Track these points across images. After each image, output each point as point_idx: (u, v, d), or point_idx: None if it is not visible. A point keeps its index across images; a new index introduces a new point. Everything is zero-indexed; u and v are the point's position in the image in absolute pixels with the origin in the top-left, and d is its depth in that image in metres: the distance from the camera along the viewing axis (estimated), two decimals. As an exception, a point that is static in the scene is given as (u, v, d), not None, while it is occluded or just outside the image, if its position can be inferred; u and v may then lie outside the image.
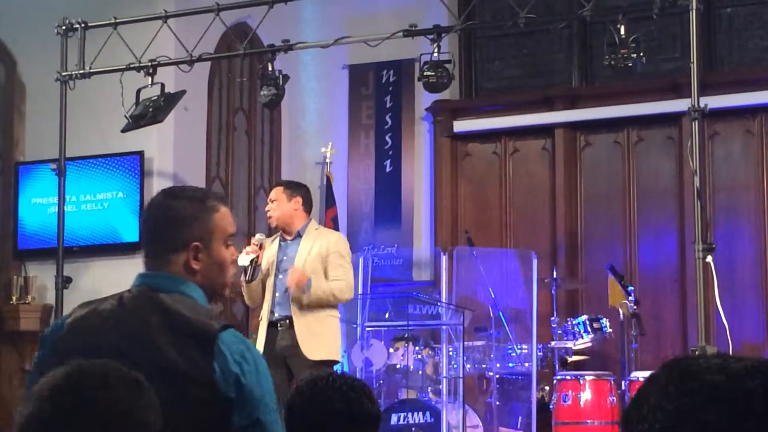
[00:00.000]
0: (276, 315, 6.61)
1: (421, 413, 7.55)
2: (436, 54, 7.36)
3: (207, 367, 2.38)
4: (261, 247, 6.58)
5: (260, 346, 6.59)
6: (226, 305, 9.78)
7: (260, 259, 6.58)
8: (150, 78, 7.99)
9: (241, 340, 2.47)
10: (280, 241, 6.80)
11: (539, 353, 8.24)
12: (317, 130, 10.69)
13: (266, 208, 6.99)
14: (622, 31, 6.80)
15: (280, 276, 6.66)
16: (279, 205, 6.75)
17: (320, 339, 6.53)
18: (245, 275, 6.61)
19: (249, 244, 6.69)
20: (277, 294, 6.65)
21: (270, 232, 7.46)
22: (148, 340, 2.43)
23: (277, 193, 6.84)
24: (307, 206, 6.85)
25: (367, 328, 8.30)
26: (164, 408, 2.27)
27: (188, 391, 2.38)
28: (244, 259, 6.53)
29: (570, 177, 9.91)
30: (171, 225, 2.59)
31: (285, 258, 6.70)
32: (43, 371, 2.25)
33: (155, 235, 2.62)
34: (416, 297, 8.78)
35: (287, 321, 6.59)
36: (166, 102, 8.09)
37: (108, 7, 8.53)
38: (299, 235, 6.74)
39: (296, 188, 6.89)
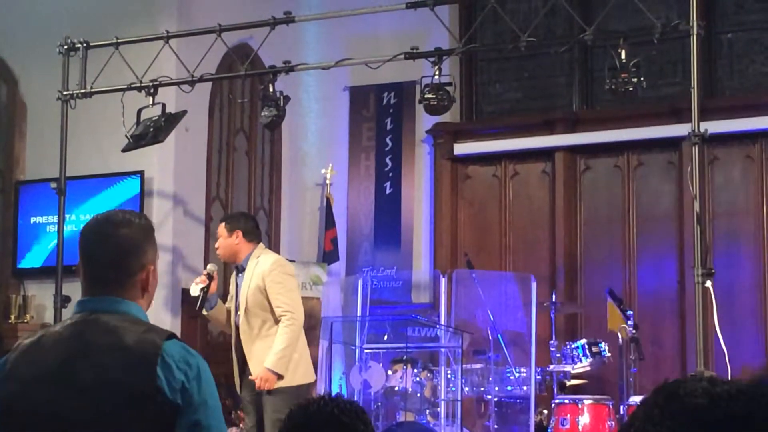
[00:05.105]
0: (239, 352, 6.55)
1: (418, 436, 7.53)
2: (437, 76, 7.37)
3: (152, 378, 2.51)
4: (211, 277, 6.41)
5: (236, 375, 6.58)
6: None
7: (212, 290, 6.44)
8: (151, 98, 8.00)
9: (184, 348, 2.60)
10: (236, 274, 6.74)
11: (538, 377, 8.23)
12: (317, 152, 10.70)
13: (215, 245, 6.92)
14: (623, 56, 6.82)
15: (239, 313, 6.58)
16: (221, 241, 6.66)
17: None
18: (197, 305, 6.48)
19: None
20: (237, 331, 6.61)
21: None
22: (94, 361, 2.56)
23: (219, 229, 6.72)
24: (250, 236, 6.64)
25: (366, 350, 8.29)
26: (113, 424, 2.47)
27: (135, 405, 2.50)
28: (194, 290, 6.43)
29: (570, 200, 9.92)
30: (129, 253, 2.71)
31: (238, 292, 6.64)
32: None
33: (114, 264, 2.70)
34: (415, 319, 8.78)
35: None
36: (167, 122, 8.09)
37: (110, 26, 8.55)
38: (243, 268, 6.69)
39: (235, 221, 6.71)
